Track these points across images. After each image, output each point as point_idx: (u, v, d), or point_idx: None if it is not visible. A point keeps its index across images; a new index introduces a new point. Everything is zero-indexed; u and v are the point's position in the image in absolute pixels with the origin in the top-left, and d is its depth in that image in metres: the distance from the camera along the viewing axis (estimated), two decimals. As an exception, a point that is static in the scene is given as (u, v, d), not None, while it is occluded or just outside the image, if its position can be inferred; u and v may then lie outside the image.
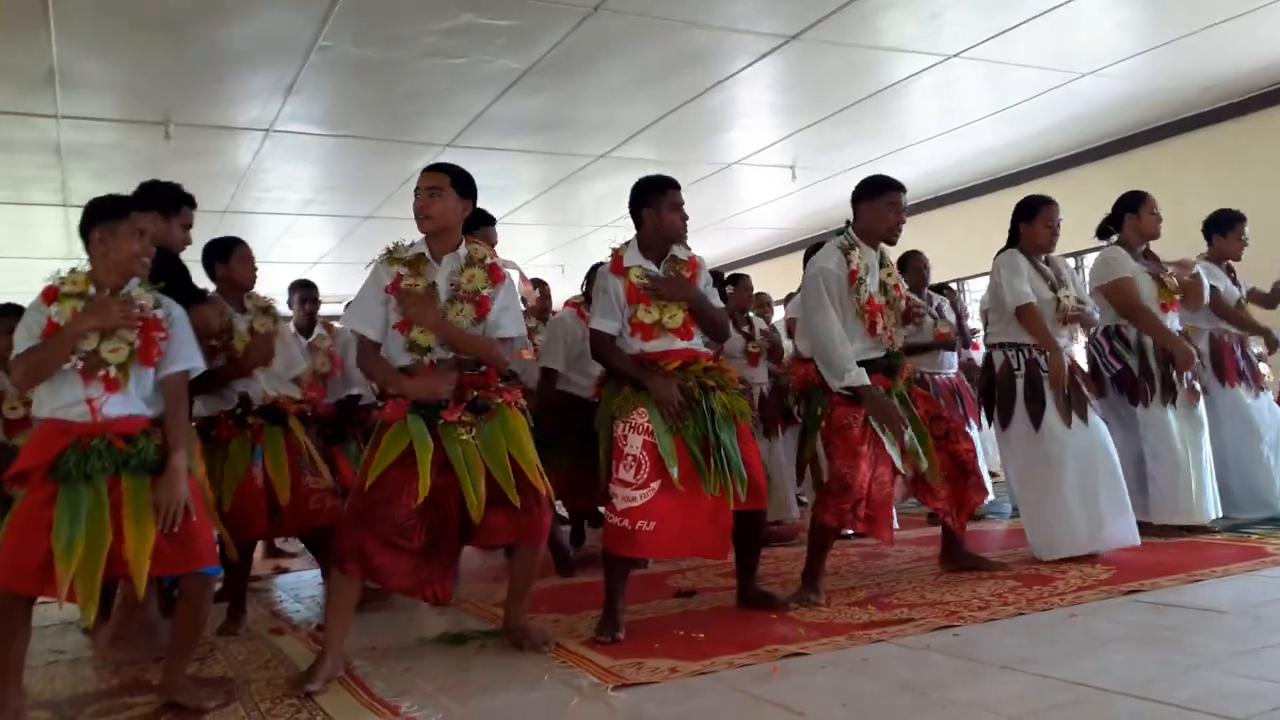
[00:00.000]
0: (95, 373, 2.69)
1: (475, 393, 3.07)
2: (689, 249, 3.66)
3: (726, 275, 6.12)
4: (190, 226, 3.91)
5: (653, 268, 3.52)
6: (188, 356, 2.87)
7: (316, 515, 3.81)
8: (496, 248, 4.31)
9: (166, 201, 3.80)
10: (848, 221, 3.90)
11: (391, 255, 3.16)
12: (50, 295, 2.74)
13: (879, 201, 3.79)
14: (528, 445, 3.13)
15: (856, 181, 3.94)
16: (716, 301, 3.66)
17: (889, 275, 3.86)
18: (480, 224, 4.26)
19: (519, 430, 3.14)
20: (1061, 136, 7.65)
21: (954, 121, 7.08)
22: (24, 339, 2.70)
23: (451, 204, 3.15)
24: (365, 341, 3.16)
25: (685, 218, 3.59)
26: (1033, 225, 4.25)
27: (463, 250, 3.19)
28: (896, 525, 4.82)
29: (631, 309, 3.46)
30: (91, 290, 2.76)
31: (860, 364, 3.64)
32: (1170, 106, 7.10)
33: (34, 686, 3.18)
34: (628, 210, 3.65)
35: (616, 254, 3.55)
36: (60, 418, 2.67)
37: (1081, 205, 5.09)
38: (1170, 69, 6.26)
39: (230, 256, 4.09)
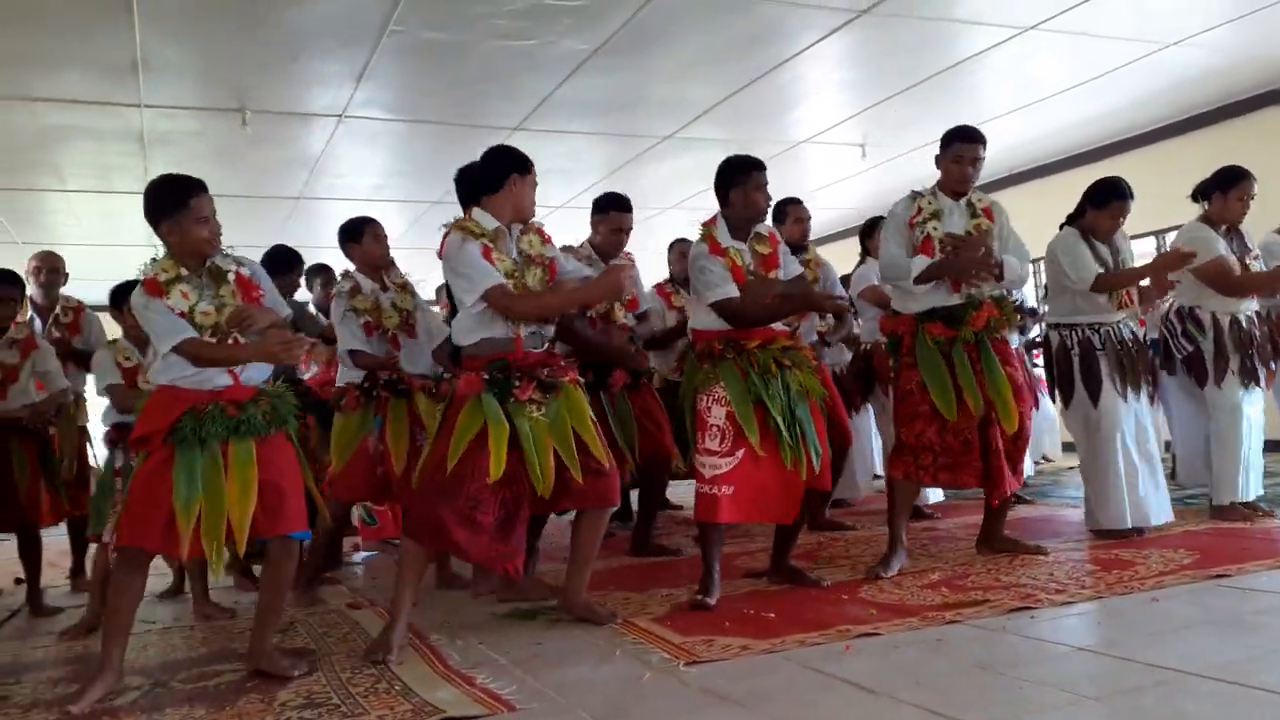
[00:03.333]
0: (226, 342, 2.83)
1: (545, 370, 3.14)
2: (768, 224, 3.79)
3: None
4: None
5: (741, 245, 3.62)
6: (281, 307, 3.05)
7: None
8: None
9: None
10: None
11: (467, 229, 3.15)
12: (155, 288, 2.82)
13: (944, 155, 4.01)
14: (589, 420, 3.21)
15: (927, 159, 4.18)
16: (797, 269, 3.79)
17: (977, 226, 3.91)
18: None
19: (581, 407, 3.21)
20: (1145, 111, 7.40)
21: (1031, 96, 6.90)
22: (169, 331, 2.78)
23: None
24: (502, 290, 3.09)
25: (769, 199, 3.75)
26: (1100, 212, 4.27)
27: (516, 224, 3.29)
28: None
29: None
30: (184, 271, 2.86)
31: (925, 313, 3.82)
32: (1260, 77, 6.82)
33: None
34: (713, 188, 3.74)
35: (712, 236, 3.61)
36: (187, 386, 2.79)
37: (1165, 182, 4.94)
38: (1260, 38, 6.00)
39: (362, 236, 4.24)
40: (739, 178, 3.65)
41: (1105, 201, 4.25)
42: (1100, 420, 4.13)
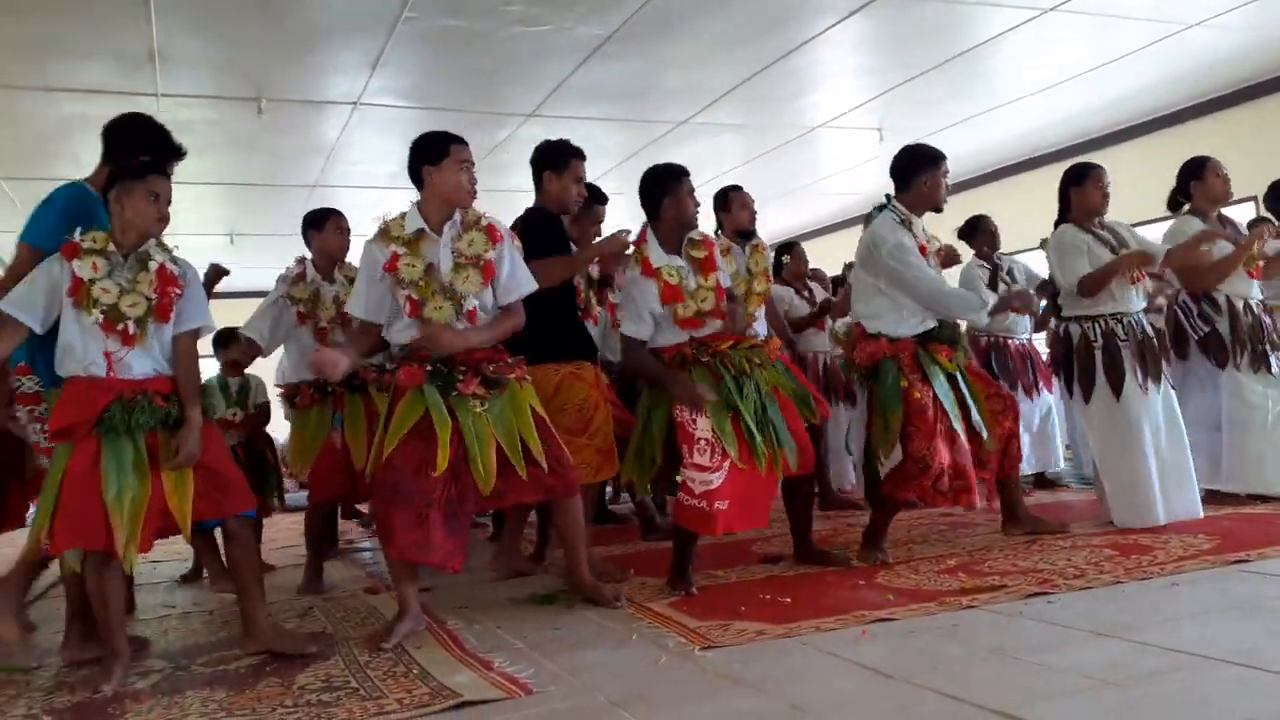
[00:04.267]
0: (115, 326, 2.80)
1: (491, 367, 3.10)
2: (699, 230, 3.75)
3: (778, 245, 6.12)
4: (582, 179, 3.95)
5: (679, 261, 3.60)
6: (199, 315, 2.98)
7: None
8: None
9: (554, 158, 3.90)
10: (888, 195, 3.96)
11: (385, 234, 3.13)
12: (72, 251, 2.82)
13: (937, 172, 3.86)
14: (531, 420, 3.15)
15: (946, 143, 4.02)
16: (724, 279, 3.73)
17: (929, 241, 3.94)
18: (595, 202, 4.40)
19: (524, 405, 3.16)
20: (1166, 92, 7.30)
21: (1051, 78, 6.81)
22: (26, 288, 2.81)
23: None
24: (366, 326, 3.20)
25: (698, 204, 3.71)
26: (1083, 189, 4.22)
27: (457, 215, 3.18)
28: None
29: (669, 308, 3.52)
30: (111, 248, 2.86)
31: (921, 335, 3.79)
32: (1283, 58, 6.73)
33: (148, 638, 3.35)
34: (640, 202, 3.70)
35: (645, 258, 3.56)
36: (91, 374, 2.78)
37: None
38: (1283, 17, 5.93)
39: (324, 225, 4.21)
40: (670, 186, 3.61)
41: (1083, 176, 4.22)
42: (1126, 414, 4.05)
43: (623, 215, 10.59)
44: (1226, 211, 4.76)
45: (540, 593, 3.55)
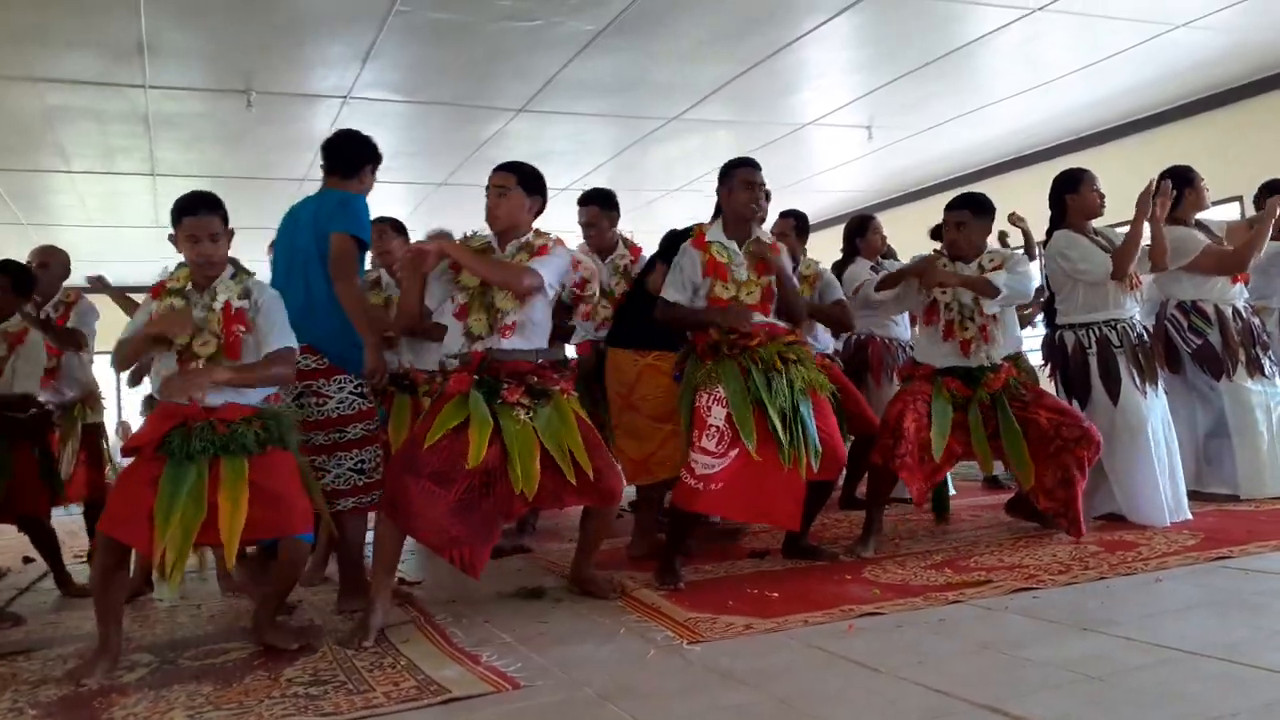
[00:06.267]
0: (189, 364, 2.90)
1: (534, 379, 3.16)
2: (768, 233, 3.82)
3: (851, 220, 6.07)
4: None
5: (734, 247, 3.65)
6: (278, 339, 3.01)
7: None
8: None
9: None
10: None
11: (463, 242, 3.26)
12: (156, 291, 2.97)
13: (978, 224, 4.09)
14: (578, 430, 3.20)
15: (934, 142, 4.09)
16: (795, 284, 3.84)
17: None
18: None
19: (569, 417, 3.21)
20: (1152, 93, 7.34)
21: (1039, 78, 6.84)
22: (128, 330, 2.98)
23: (519, 202, 3.29)
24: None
25: (755, 197, 3.67)
26: (1080, 193, 4.22)
27: (526, 237, 3.29)
28: (953, 491, 4.91)
29: (708, 282, 3.60)
30: (189, 286, 2.96)
31: (943, 370, 3.95)
32: (1269, 60, 6.76)
33: (134, 632, 3.34)
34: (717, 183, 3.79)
35: (700, 230, 3.68)
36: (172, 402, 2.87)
37: (1174, 165, 4.90)
38: (1269, 21, 5.95)
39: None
40: (724, 175, 3.70)
41: (1078, 181, 4.23)
42: (1127, 419, 4.03)
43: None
44: (1209, 215, 4.79)
45: (528, 587, 3.55)
